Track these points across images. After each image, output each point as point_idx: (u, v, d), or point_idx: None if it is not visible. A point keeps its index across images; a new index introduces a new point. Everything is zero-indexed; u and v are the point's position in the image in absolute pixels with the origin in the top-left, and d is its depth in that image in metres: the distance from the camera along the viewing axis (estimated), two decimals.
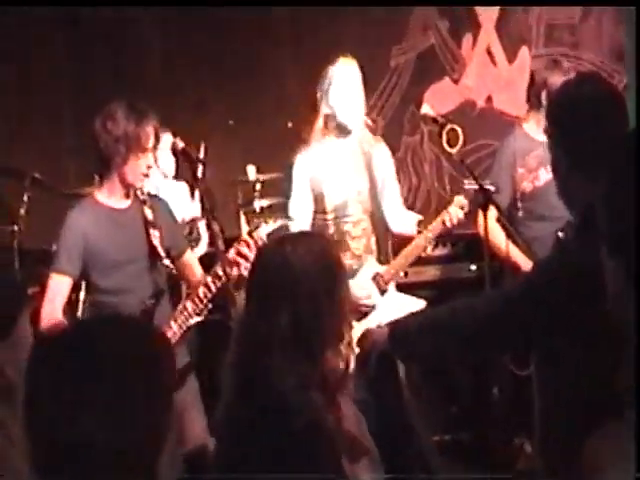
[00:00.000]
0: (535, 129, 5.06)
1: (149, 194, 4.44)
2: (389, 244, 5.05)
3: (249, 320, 2.63)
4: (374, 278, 4.68)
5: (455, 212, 4.51)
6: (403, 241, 4.81)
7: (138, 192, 4.32)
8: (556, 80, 5.09)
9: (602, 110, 2.76)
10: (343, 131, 4.72)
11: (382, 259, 4.84)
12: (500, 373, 4.72)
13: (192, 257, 4.57)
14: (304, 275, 2.59)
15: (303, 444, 2.38)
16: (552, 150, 2.85)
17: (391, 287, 4.75)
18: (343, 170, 4.74)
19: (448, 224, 4.51)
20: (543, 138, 5.04)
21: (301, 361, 2.49)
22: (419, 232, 4.62)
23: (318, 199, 4.75)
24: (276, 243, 2.77)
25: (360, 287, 4.59)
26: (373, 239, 4.82)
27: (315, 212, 4.76)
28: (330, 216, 4.72)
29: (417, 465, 2.74)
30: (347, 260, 4.57)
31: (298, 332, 2.51)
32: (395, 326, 3.03)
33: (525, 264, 4.60)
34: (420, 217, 4.76)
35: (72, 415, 1.79)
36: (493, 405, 4.79)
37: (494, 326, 2.74)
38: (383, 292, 4.67)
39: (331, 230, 4.70)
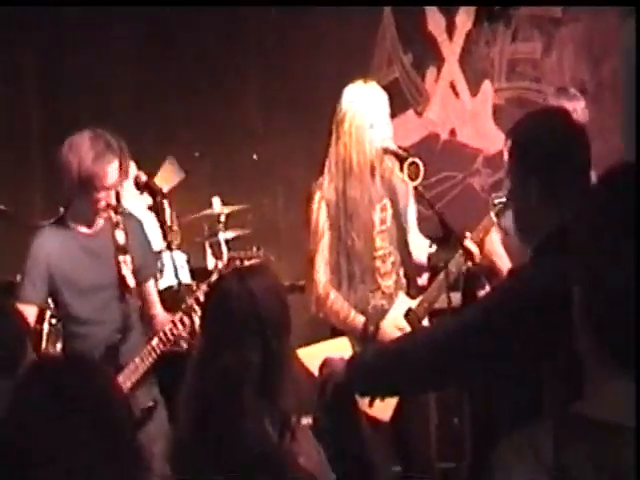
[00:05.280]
0: None
1: (123, 213, 4.29)
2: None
3: (211, 352, 2.63)
4: (407, 316, 4.30)
5: (471, 246, 4.26)
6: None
7: (111, 213, 4.19)
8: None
9: (570, 143, 2.82)
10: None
11: (412, 293, 4.45)
12: (460, 403, 4.75)
13: (155, 292, 4.48)
14: (268, 309, 2.64)
15: (256, 476, 2.39)
16: (516, 176, 2.88)
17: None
18: (361, 202, 4.36)
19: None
20: None
21: (263, 394, 2.49)
22: (429, 260, 4.41)
23: (333, 237, 4.35)
24: (235, 275, 2.78)
25: (393, 327, 4.25)
26: (402, 273, 4.47)
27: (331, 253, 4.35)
28: (347, 256, 4.33)
29: None
30: (377, 300, 4.37)
31: (267, 366, 2.53)
32: (354, 358, 3.05)
33: None
34: (428, 242, 4.49)
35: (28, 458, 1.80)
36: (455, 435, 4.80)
37: (452, 357, 2.75)
38: None
39: (354, 269, 4.34)
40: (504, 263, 4.80)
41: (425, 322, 4.40)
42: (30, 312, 4.14)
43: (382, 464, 3.51)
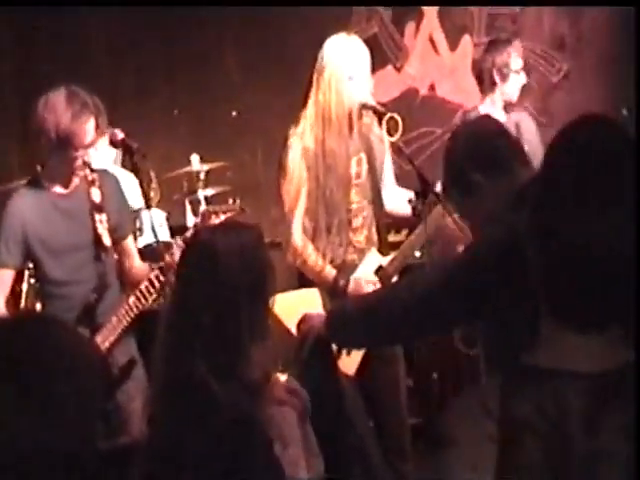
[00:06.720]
0: (490, 108, 5.16)
1: (98, 170, 4.24)
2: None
3: (172, 314, 2.59)
4: (377, 272, 4.30)
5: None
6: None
7: (87, 170, 4.13)
8: (503, 58, 5.29)
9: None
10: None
11: (384, 251, 4.45)
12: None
13: (133, 246, 4.44)
14: (226, 269, 2.50)
15: (231, 438, 2.38)
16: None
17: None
18: (339, 154, 4.36)
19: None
20: (501, 116, 5.17)
21: (223, 357, 2.45)
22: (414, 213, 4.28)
23: (311, 187, 4.35)
24: (205, 234, 2.68)
25: (364, 283, 4.27)
26: (374, 229, 4.50)
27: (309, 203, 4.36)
28: (325, 207, 4.34)
29: (354, 453, 2.77)
30: (349, 255, 4.38)
31: (219, 330, 2.47)
32: (332, 311, 3.07)
33: None
34: (412, 193, 4.39)
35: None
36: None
37: (435, 300, 2.75)
38: None
39: (333, 221, 4.35)
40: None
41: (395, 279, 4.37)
42: (5, 275, 4.14)
43: (360, 419, 3.52)
